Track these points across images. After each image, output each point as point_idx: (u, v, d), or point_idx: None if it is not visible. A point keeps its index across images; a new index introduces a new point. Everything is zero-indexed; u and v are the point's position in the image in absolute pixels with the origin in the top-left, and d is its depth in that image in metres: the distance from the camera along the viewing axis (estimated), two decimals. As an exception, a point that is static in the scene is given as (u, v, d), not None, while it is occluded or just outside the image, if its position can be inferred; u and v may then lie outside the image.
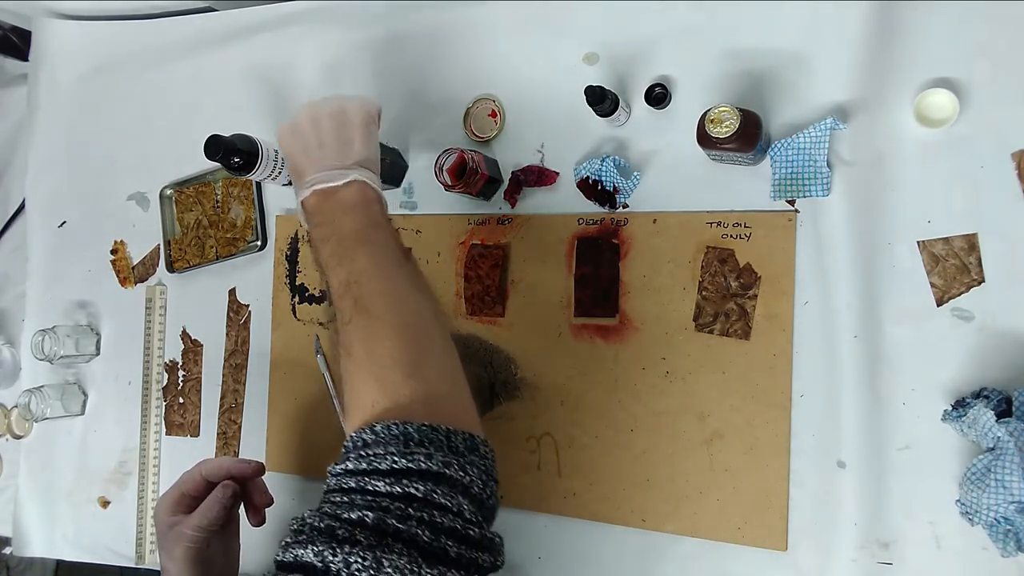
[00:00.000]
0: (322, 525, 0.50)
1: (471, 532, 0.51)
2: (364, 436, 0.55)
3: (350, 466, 0.53)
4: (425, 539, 0.49)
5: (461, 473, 0.53)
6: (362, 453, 0.53)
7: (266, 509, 0.78)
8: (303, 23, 1.05)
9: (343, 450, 0.56)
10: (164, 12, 1.17)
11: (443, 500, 0.51)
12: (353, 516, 0.50)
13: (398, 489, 0.51)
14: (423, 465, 0.52)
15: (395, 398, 0.57)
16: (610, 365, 0.84)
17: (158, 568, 1.06)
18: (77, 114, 1.20)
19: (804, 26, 0.80)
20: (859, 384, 0.75)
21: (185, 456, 1.07)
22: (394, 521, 0.49)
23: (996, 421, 0.65)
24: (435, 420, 0.55)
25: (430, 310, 0.64)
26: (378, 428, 0.54)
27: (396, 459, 0.52)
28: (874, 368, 0.74)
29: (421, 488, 0.51)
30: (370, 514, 0.49)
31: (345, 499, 0.52)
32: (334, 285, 0.65)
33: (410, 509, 0.50)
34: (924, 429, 0.72)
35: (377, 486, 0.51)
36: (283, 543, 0.50)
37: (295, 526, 0.52)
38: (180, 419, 1.08)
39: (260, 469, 0.77)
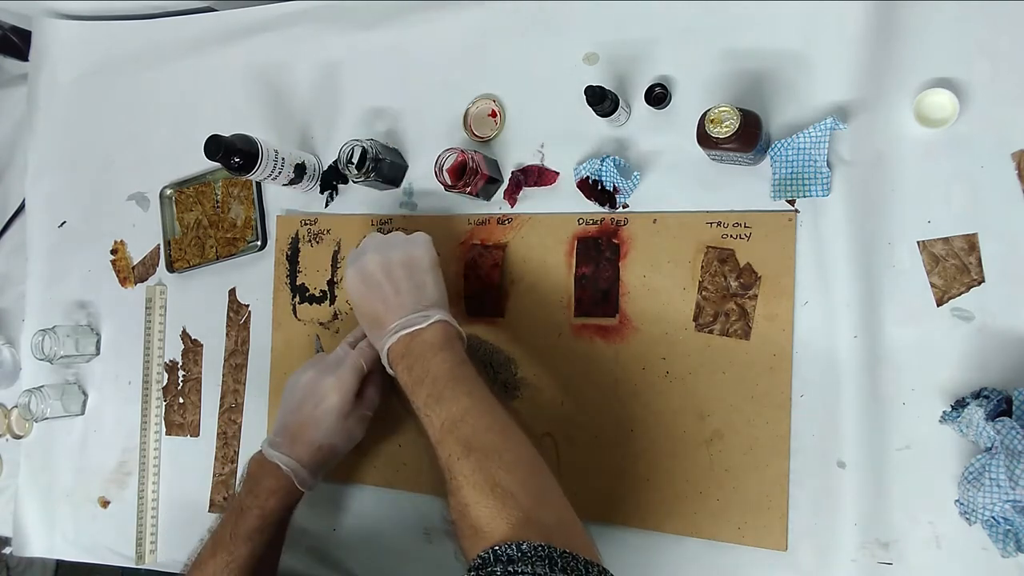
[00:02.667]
0: None
1: None
2: (509, 552, 0.56)
3: None
4: None
5: None
6: (509, 569, 0.55)
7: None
8: (303, 23, 1.05)
9: (480, 560, 0.57)
10: (164, 12, 1.17)
11: None
12: None
13: None
14: None
15: (529, 521, 0.60)
16: (610, 365, 0.84)
17: (158, 568, 1.07)
18: (77, 114, 1.20)
19: (804, 26, 0.80)
20: (859, 384, 0.75)
21: (185, 456, 1.07)
22: None
23: (986, 420, 0.65)
24: (569, 548, 0.57)
25: (529, 442, 0.68)
26: (524, 547, 0.56)
27: None
28: (874, 368, 0.74)
29: None
30: None
31: None
32: (436, 424, 0.69)
33: None
34: (924, 429, 0.72)
35: None
36: None
37: None
38: (180, 419, 1.08)
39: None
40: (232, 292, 1.06)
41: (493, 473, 0.63)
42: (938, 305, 0.73)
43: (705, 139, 0.74)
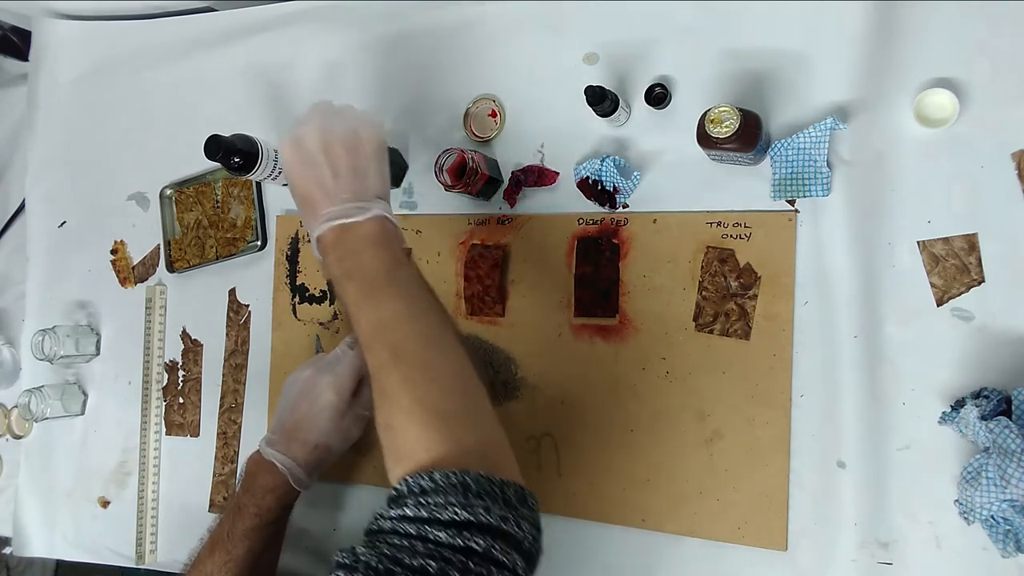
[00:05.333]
0: (381, 567, 0.50)
1: None
2: (421, 482, 0.54)
3: (409, 512, 0.53)
4: None
5: (516, 528, 0.54)
6: (421, 500, 0.53)
7: None
8: (303, 23, 1.05)
9: (394, 492, 0.56)
10: (164, 12, 1.17)
11: (501, 556, 0.52)
12: (415, 563, 0.50)
13: (459, 541, 0.51)
14: (483, 519, 0.52)
15: (449, 446, 0.57)
16: (610, 365, 0.84)
17: (158, 568, 1.07)
18: (77, 114, 1.20)
19: (804, 26, 0.80)
20: (859, 384, 0.75)
21: (185, 456, 1.07)
22: (456, 573, 0.50)
23: (980, 420, 0.66)
24: (489, 470, 0.56)
25: (464, 354, 0.64)
26: (437, 476, 0.54)
27: (457, 510, 0.52)
28: (874, 368, 0.74)
29: (481, 543, 0.51)
30: (433, 564, 0.50)
31: (406, 543, 0.52)
32: (364, 326, 0.64)
33: (471, 563, 0.51)
34: (924, 429, 0.72)
35: (439, 536, 0.51)
36: None
37: (347, 560, 0.51)
38: (180, 419, 1.08)
39: None
40: (232, 292, 1.06)
41: (419, 391, 0.59)
42: (938, 305, 0.73)
43: (705, 139, 0.74)
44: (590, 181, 0.85)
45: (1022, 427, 0.65)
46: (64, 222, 1.20)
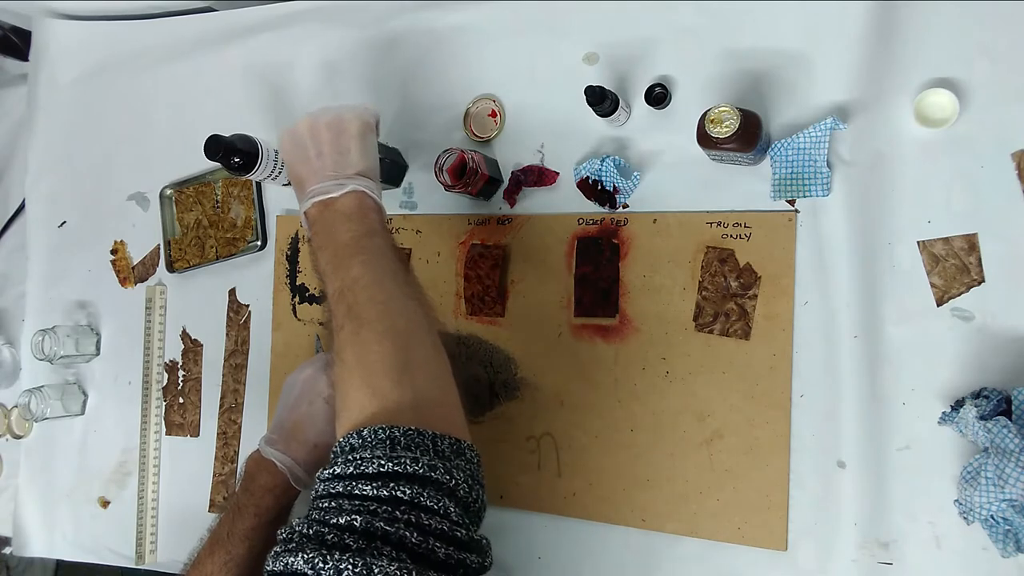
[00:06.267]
0: (311, 532, 0.50)
1: (458, 534, 0.52)
2: (351, 440, 0.55)
3: (337, 471, 0.54)
4: (413, 541, 0.50)
5: (447, 476, 0.53)
6: (349, 457, 0.54)
7: None
8: (303, 23, 1.05)
9: (331, 455, 0.57)
10: (164, 12, 1.17)
11: (429, 503, 0.52)
12: (342, 521, 0.50)
13: (385, 492, 0.51)
14: (409, 468, 0.52)
15: (383, 403, 0.57)
16: (610, 365, 0.84)
17: (158, 568, 1.07)
18: (77, 114, 1.20)
19: (804, 26, 0.80)
20: (859, 384, 0.75)
21: (185, 456, 1.07)
22: (382, 524, 0.49)
23: (978, 420, 0.66)
24: (422, 425, 0.56)
25: (421, 316, 0.65)
26: (365, 432, 0.55)
27: (382, 463, 0.52)
28: (874, 368, 0.74)
29: (408, 491, 0.51)
30: (358, 518, 0.50)
31: (333, 504, 0.52)
32: (330, 293, 0.66)
33: (397, 512, 0.50)
34: (924, 429, 0.72)
35: (364, 490, 0.52)
36: (273, 552, 0.51)
37: (284, 534, 0.52)
38: (180, 419, 1.08)
39: None
40: (232, 292, 1.06)
41: (363, 348, 0.61)
42: (938, 305, 0.73)
43: (705, 139, 0.74)
44: (590, 181, 0.85)
45: (1022, 427, 0.65)
46: (64, 222, 1.20)
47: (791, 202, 0.79)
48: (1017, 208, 0.71)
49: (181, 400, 1.08)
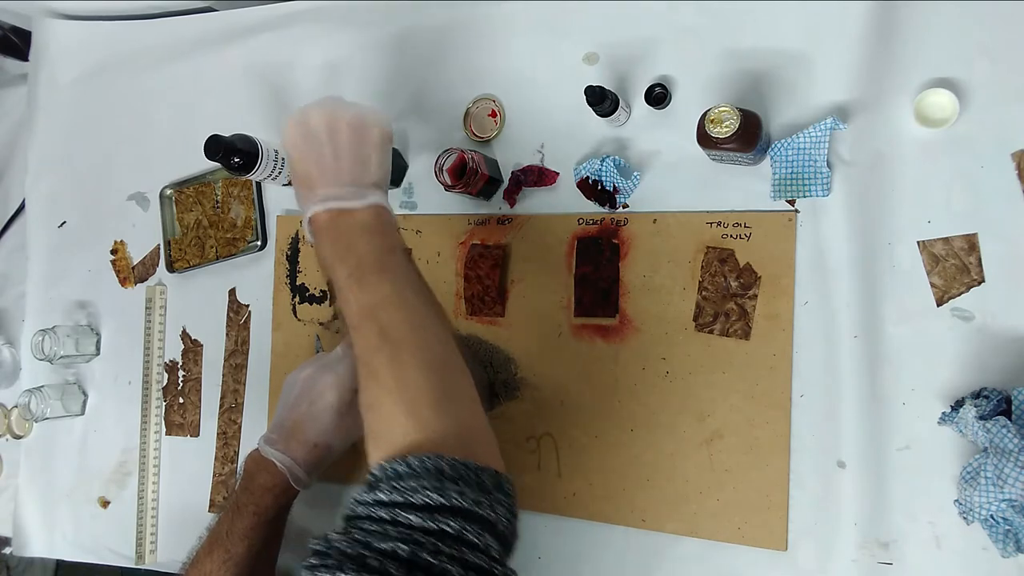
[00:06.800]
0: (352, 552, 0.50)
1: (496, 570, 0.52)
2: (397, 467, 0.55)
3: (382, 497, 0.53)
4: (454, 575, 0.50)
5: (490, 512, 0.54)
6: (395, 485, 0.54)
7: None
8: (303, 23, 1.05)
9: (371, 477, 0.56)
10: (164, 12, 1.17)
11: (473, 538, 0.52)
12: (386, 547, 0.50)
13: (432, 524, 0.51)
14: (456, 502, 0.52)
15: (427, 431, 0.57)
16: (610, 365, 0.84)
17: (158, 568, 1.07)
18: (77, 114, 1.20)
19: (804, 26, 0.80)
20: (859, 384, 0.75)
21: (185, 456, 1.07)
22: (427, 556, 0.49)
23: (977, 420, 0.66)
24: (465, 456, 0.56)
25: (452, 341, 0.64)
26: (412, 461, 0.54)
27: (430, 494, 0.52)
28: (874, 368, 0.74)
29: (454, 525, 0.51)
30: (404, 547, 0.50)
31: (377, 528, 0.52)
32: (353, 308, 0.64)
33: (442, 545, 0.51)
34: (924, 429, 0.72)
35: (410, 519, 0.52)
36: (308, 564, 0.50)
37: (320, 547, 0.51)
38: (180, 419, 1.08)
39: None
40: (232, 292, 1.06)
41: (402, 371, 0.60)
42: (938, 305, 0.73)
43: (705, 139, 0.74)
44: (590, 181, 0.85)
45: (1021, 427, 0.65)
46: (64, 222, 1.20)
47: (791, 202, 0.79)
48: (1017, 208, 0.71)
49: (181, 400, 1.08)
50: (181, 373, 1.09)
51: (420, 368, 0.60)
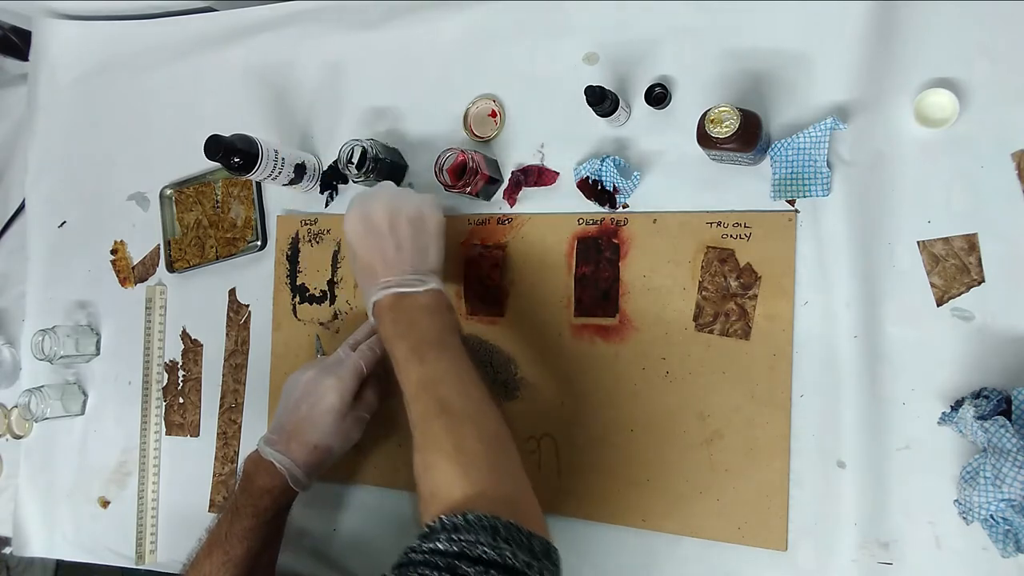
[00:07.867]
0: None
1: None
2: (455, 520, 0.58)
3: (441, 547, 0.56)
4: None
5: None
6: (453, 537, 0.57)
7: None
8: (303, 23, 1.05)
9: (427, 529, 0.59)
10: (164, 12, 1.17)
11: None
12: None
13: None
14: (509, 561, 0.55)
15: (482, 492, 0.62)
16: (610, 365, 0.84)
17: (158, 568, 1.07)
18: (77, 114, 1.20)
19: (804, 26, 0.80)
20: (859, 384, 0.75)
21: (185, 456, 1.07)
22: None
23: (975, 420, 0.66)
24: (518, 520, 0.59)
25: (502, 417, 0.70)
26: (470, 516, 0.58)
27: (487, 550, 0.55)
28: (874, 368, 0.74)
29: None
30: None
31: (433, 574, 0.55)
32: (413, 379, 0.70)
33: None
34: (924, 429, 0.72)
35: (467, 571, 0.54)
36: None
37: None
38: (180, 419, 1.08)
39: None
40: (232, 292, 1.06)
41: (461, 439, 0.65)
42: (938, 305, 0.73)
43: (705, 139, 0.74)
44: (590, 181, 0.85)
45: (1021, 427, 0.65)
46: (64, 222, 1.20)
47: (791, 202, 0.79)
48: (1017, 208, 0.71)
49: (181, 400, 1.08)
50: (181, 373, 1.09)
51: (476, 437, 0.65)
